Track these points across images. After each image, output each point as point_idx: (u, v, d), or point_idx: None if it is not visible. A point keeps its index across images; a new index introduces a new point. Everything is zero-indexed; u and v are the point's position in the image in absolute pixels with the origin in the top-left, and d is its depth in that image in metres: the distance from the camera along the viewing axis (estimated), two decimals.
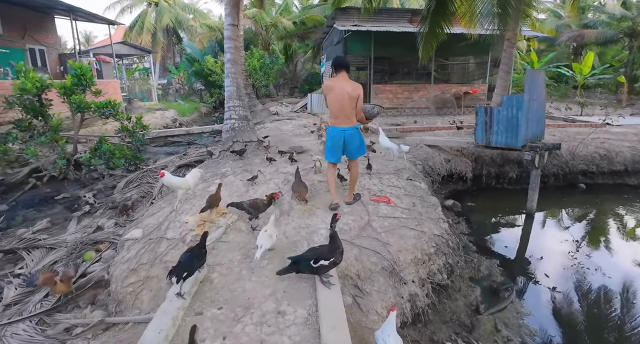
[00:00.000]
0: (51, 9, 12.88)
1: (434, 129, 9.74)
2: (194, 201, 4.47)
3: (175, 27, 29.18)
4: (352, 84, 4.07)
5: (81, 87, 7.99)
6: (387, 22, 13.36)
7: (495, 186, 7.90)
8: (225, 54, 6.67)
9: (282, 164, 5.84)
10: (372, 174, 5.37)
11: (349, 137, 4.11)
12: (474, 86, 14.97)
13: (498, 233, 6.05)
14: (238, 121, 6.54)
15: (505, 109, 5.79)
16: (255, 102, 14.24)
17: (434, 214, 4.30)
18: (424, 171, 6.69)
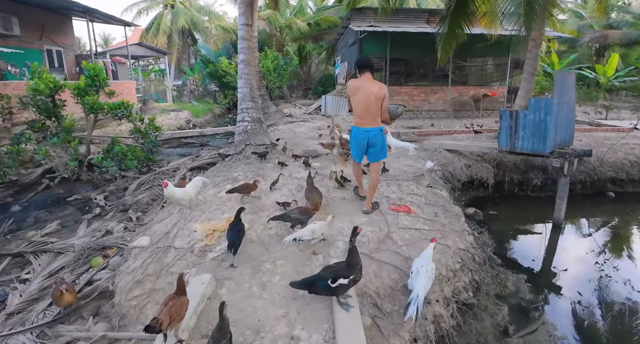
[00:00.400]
0: (68, 10, 12.98)
1: (452, 132, 9.40)
2: (204, 207, 4.28)
3: (191, 28, 29.40)
4: (378, 85, 4.06)
5: (95, 88, 7.93)
6: (403, 23, 13.06)
7: (518, 193, 7.53)
8: (238, 54, 6.51)
9: (296, 169, 5.62)
10: (389, 180, 5.11)
11: (372, 138, 4.08)
12: (493, 88, 14.52)
13: (523, 244, 5.71)
14: (251, 124, 6.35)
15: (532, 112, 5.46)
16: (268, 103, 14.09)
17: (457, 225, 4.01)
18: (444, 177, 6.39)
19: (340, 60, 17.30)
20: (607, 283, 4.45)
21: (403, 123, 12.01)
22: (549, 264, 5.08)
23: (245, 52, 6.39)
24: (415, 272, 2.88)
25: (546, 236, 6.09)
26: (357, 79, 4.20)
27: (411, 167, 5.86)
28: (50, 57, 13.88)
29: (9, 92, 8.83)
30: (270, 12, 22.87)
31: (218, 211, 4.07)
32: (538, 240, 5.97)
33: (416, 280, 2.79)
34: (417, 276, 2.82)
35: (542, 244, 5.79)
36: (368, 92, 3.96)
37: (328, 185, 4.83)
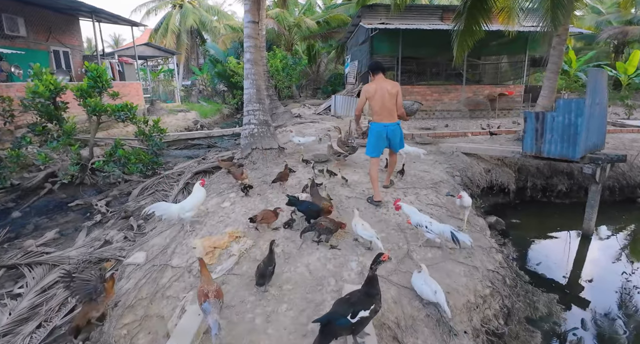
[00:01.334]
0: (75, 10, 12.82)
1: (468, 134, 8.95)
2: (206, 219, 3.96)
3: (199, 28, 29.26)
4: (391, 82, 4.42)
5: (97, 90, 7.68)
6: (416, 20, 12.62)
7: (541, 199, 7.07)
8: (244, 53, 6.18)
9: (306, 175, 5.27)
10: (406, 188, 4.72)
11: (391, 132, 4.44)
12: (509, 87, 13.99)
13: (551, 257, 5.27)
14: (258, 126, 6.02)
15: (561, 114, 5.02)
16: (277, 104, 13.79)
17: (483, 240, 3.62)
18: (463, 183, 5.97)
19: (350, 59, 16.90)
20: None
21: (416, 124, 11.58)
22: (582, 280, 4.65)
23: (251, 51, 6.05)
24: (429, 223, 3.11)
25: (574, 246, 5.65)
26: (372, 82, 4.49)
27: (428, 173, 5.46)
28: (57, 58, 13.75)
29: (13, 94, 8.66)
30: (278, 11, 22.58)
31: (221, 224, 3.74)
32: (566, 251, 5.52)
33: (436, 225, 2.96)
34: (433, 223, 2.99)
35: (571, 256, 5.34)
36: (383, 90, 4.31)
37: (340, 193, 4.47)
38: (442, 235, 3.20)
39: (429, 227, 3.23)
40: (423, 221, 3.27)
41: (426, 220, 3.29)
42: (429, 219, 3.31)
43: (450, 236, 3.13)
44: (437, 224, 3.26)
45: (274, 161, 5.84)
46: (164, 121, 17.07)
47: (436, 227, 3.22)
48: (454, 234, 3.13)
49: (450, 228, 3.21)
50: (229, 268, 3.03)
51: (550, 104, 7.34)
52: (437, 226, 3.24)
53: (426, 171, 5.58)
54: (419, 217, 3.32)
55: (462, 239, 3.12)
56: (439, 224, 3.28)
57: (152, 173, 8.52)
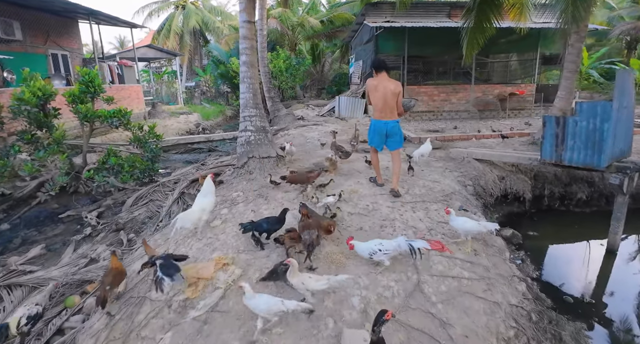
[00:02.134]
0: (71, 12, 12.56)
1: (479, 137, 8.49)
2: (192, 240, 3.58)
3: (202, 29, 29.01)
4: (394, 82, 4.59)
5: (90, 95, 7.37)
6: (422, 18, 12.16)
7: (559, 208, 6.61)
8: (240, 55, 5.81)
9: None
10: (415, 202, 4.31)
11: (391, 129, 4.62)
12: (519, 86, 13.46)
13: (573, 275, 4.82)
14: (254, 134, 5.64)
15: (585, 119, 4.57)
16: (278, 106, 13.41)
17: (504, 267, 3.20)
18: (476, 193, 5.54)
19: (355, 59, 16.48)
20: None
21: (423, 125, 11.13)
22: (610, 304, 4.20)
23: (247, 52, 5.67)
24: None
25: (597, 261, 5.19)
26: (374, 78, 4.64)
27: (438, 183, 5.03)
28: (56, 61, 13.51)
29: (5, 100, 8.36)
30: (281, 11, 22.23)
31: (207, 248, 3.37)
32: (590, 267, 5.07)
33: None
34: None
35: (594, 272, 4.90)
36: (386, 89, 4.47)
37: (342, 209, 4.06)
38: (401, 250, 2.96)
39: (383, 249, 2.92)
40: (374, 248, 2.95)
41: (376, 244, 2.98)
42: (378, 242, 3.01)
43: (409, 249, 2.93)
44: (389, 242, 2.99)
45: (273, 170, 5.46)
46: (165, 124, 16.82)
47: (390, 245, 2.96)
48: (411, 245, 2.93)
49: (403, 240, 2.98)
50: (213, 304, 2.65)
51: (569, 106, 6.87)
52: (389, 244, 2.98)
53: (436, 180, 5.15)
54: (368, 246, 2.99)
55: (420, 246, 2.94)
56: (391, 241, 3.02)
57: (149, 180, 8.21)
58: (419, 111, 12.64)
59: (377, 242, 2.98)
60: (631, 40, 25.16)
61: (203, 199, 3.68)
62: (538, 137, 7.36)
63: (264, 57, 12.86)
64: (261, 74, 12.93)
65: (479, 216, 4.28)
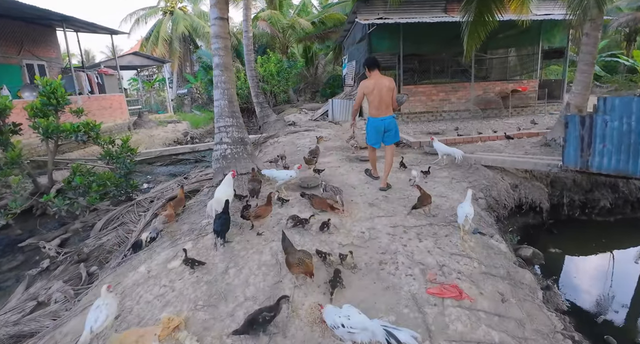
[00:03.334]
0: (45, 20, 11.84)
1: (484, 139, 7.77)
2: (140, 289, 2.83)
3: (192, 35, 28.29)
4: (387, 79, 4.70)
5: (53, 108, 6.64)
6: (417, 13, 11.47)
7: (580, 217, 5.89)
8: (213, 57, 5.08)
9: (294, 208, 4.13)
10: (420, 226, 3.57)
11: (388, 124, 4.75)
12: (522, 82, 12.77)
13: (612, 304, 4.08)
14: (231, 146, 4.91)
15: (617, 118, 3.85)
16: (268, 111, 12.69)
17: (540, 317, 2.46)
18: (488, 206, 4.81)
19: (348, 59, 15.80)
20: None
21: (422, 127, 10.42)
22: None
23: (221, 53, 4.95)
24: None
25: (633, 279, 4.47)
26: (368, 79, 4.76)
27: (446, 198, 4.30)
28: (32, 72, 12.77)
29: None
30: (271, 13, 21.56)
31: (158, 302, 2.61)
32: (629, 291, 4.33)
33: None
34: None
35: (631, 296, 4.17)
36: (381, 86, 4.62)
37: (332, 240, 3.32)
38: (373, 339, 2.00)
39: (348, 326, 2.03)
40: (336, 320, 2.09)
41: (341, 316, 2.10)
42: (346, 313, 2.11)
43: (385, 341, 1.95)
44: (359, 318, 2.07)
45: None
46: (152, 133, 16.07)
47: (358, 323, 2.04)
48: (390, 334, 1.95)
49: (379, 325, 2.00)
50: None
51: (585, 102, 6.16)
52: (358, 320, 2.06)
53: (443, 195, 4.41)
54: (331, 316, 2.14)
55: (404, 340, 1.92)
56: (362, 317, 2.09)
57: (125, 198, 7.50)
58: (417, 112, 11.95)
59: (345, 312, 2.11)
60: (630, 32, 24.57)
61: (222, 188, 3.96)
62: (551, 138, 6.65)
63: (250, 61, 12.16)
64: (248, 78, 12.26)
65: (497, 239, 3.54)
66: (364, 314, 2.13)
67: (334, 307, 2.21)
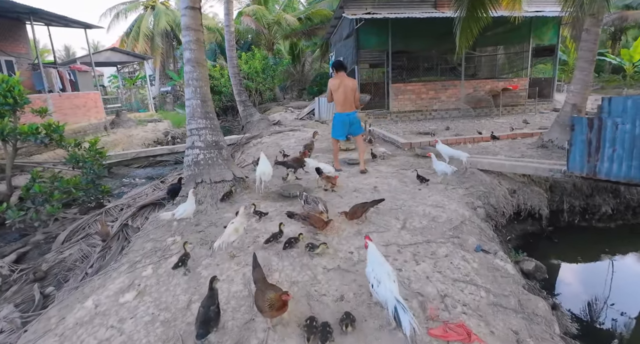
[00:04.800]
0: (9, 12, 11.03)
1: (477, 140, 7.42)
2: (83, 333, 2.33)
3: (175, 30, 27.40)
4: (350, 80, 5.38)
5: (8, 107, 6.02)
6: (406, 9, 11.07)
7: (580, 223, 5.57)
8: (183, 51, 4.57)
9: (272, 222, 3.66)
10: (416, 245, 3.15)
11: (352, 119, 5.44)
12: (512, 80, 12.52)
13: (616, 319, 3.74)
14: (204, 151, 4.41)
15: (629, 120, 3.50)
16: (251, 110, 12.14)
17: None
18: (487, 215, 4.43)
19: (335, 56, 15.35)
20: None
21: (412, 127, 10.04)
22: None
23: (192, 47, 4.44)
24: (377, 282, 2.19)
25: None
26: (335, 78, 5.39)
27: (442, 209, 3.89)
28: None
29: None
30: (255, 8, 20.94)
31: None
32: (635, 302, 4.00)
33: (384, 287, 2.12)
34: (382, 283, 2.14)
35: None
36: (346, 86, 5.27)
37: (315, 263, 2.87)
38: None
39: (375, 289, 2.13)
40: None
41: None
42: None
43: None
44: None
45: (229, 200, 4.23)
46: (130, 133, 15.33)
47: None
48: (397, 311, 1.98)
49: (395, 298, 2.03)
50: None
51: (584, 101, 5.85)
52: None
53: (439, 204, 4.00)
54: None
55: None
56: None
57: (95, 205, 6.95)
58: (406, 110, 11.58)
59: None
60: (615, 30, 24.74)
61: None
62: (548, 139, 6.33)
63: (232, 57, 11.58)
64: (230, 75, 11.70)
65: (501, 257, 3.14)
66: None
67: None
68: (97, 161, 6.86)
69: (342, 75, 5.33)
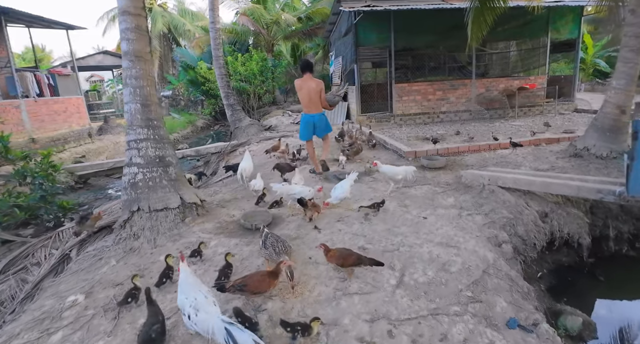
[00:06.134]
0: None
1: (494, 147, 6.31)
2: None
3: (173, 33, 26.69)
4: (315, 81, 5.33)
5: None
6: (410, 0, 10.00)
7: (628, 253, 4.44)
8: (121, 42, 3.57)
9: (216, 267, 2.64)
10: (420, 316, 2.09)
11: (317, 121, 5.44)
12: (529, 79, 11.37)
13: None
14: (144, 169, 3.42)
15: None
16: (240, 115, 11.16)
17: None
18: (515, 251, 3.35)
19: (335, 56, 14.33)
20: None
21: (417, 131, 8.97)
22: None
23: (129, 37, 3.45)
24: (194, 310, 1.94)
25: None
26: (300, 79, 5.42)
27: (457, 252, 2.81)
28: None
29: None
30: (253, 7, 20.03)
31: None
32: None
33: (204, 314, 1.89)
34: (201, 310, 1.92)
35: None
36: (309, 88, 5.27)
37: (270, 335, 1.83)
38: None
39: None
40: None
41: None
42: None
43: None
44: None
45: (173, 232, 3.22)
46: (117, 140, 14.47)
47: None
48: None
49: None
50: None
51: (629, 100, 4.73)
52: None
53: (450, 242, 2.93)
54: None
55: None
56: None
57: (54, 224, 6.05)
58: (412, 113, 10.50)
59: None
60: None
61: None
62: (583, 147, 5.20)
63: (218, 57, 10.63)
64: (217, 76, 10.75)
65: (546, 333, 2.07)
66: None
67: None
68: (50, 175, 5.95)
69: (307, 76, 5.26)
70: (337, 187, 3.54)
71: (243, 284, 2.06)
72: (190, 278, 2.01)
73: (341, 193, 3.44)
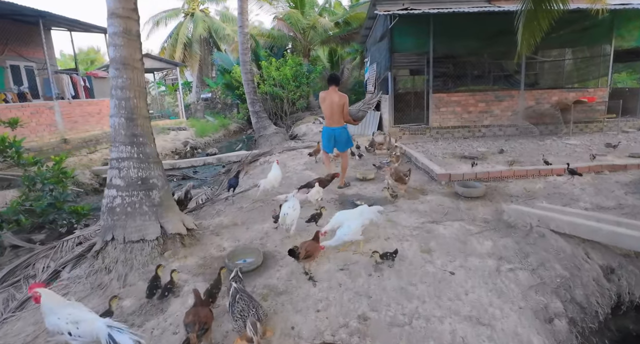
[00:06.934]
0: (19, 16, 10.57)
1: (545, 173, 5.40)
2: None
3: (214, 36, 27.19)
4: (339, 95, 5.28)
5: None
6: (452, 3, 9.18)
7: None
8: (108, 48, 3.21)
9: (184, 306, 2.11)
10: None
11: (338, 135, 5.40)
12: (587, 91, 10.12)
13: None
14: (123, 193, 2.99)
15: None
16: (265, 123, 10.77)
17: None
18: (571, 323, 2.57)
19: (370, 62, 13.69)
20: None
21: (455, 147, 8.12)
22: None
23: (117, 42, 3.05)
24: (74, 324, 1.95)
25: None
26: (325, 91, 5.46)
27: (491, 334, 2.10)
28: (17, 74, 11.65)
29: None
30: (289, 11, 19.81)
31: None
32: None
33: (85, 324, 1.93)
34: (82, 321, 1.94)
35: None
36: (332, 101, 5.25)
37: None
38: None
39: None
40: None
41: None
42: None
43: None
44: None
45: (148, 268, 2.75)
46: None
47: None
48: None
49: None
50: None
51: None
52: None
53: (482, 316, 2.21)
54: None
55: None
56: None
57: (68, 229, 5.97)
58: (450, 126, 9.63)
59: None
60: None
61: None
62: None
63: (245, 62, 10.34)
64: (243, 81, 10.45)
65: None
66: None
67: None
68: (61, 182, 5.78)
69: (332, 89, 5.26)
70: (344, 226, 2.88)
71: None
72: (54, 297, 2.03)
73: (347, 235, 2.79)
